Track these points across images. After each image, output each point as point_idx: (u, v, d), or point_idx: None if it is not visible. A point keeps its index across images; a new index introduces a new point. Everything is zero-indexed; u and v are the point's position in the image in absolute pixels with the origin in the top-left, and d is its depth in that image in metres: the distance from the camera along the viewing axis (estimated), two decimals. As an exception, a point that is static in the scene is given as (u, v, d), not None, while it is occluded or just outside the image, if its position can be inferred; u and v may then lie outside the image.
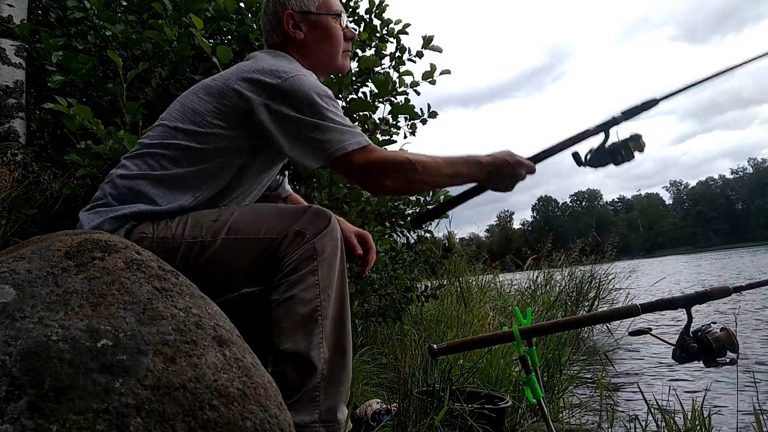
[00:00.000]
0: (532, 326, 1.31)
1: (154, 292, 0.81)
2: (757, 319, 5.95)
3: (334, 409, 1.21)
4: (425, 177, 1.26)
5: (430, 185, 1.33)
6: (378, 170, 1.25)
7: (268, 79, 1.25)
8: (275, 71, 1.26)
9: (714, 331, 1.18)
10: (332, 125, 1.23)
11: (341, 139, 1.23)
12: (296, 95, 1.23)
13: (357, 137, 1.24)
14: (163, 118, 1.32)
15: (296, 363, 1.16)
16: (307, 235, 1.20)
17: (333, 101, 1.28)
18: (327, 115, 1.24)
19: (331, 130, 1.23)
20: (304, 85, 1.25)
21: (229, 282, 1.26)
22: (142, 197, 1.23)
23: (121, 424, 0.63)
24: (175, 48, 2.10)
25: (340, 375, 1.23)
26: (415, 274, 2.96)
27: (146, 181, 1.24)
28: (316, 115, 1.23)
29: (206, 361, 0.74)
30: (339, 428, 1.21)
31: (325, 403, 1.19)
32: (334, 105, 1.28)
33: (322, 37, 1.45)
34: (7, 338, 0.66)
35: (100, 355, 0.68)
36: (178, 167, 1.26)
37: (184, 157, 1.26)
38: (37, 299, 0.73)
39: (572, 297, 6.29)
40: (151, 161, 1.26)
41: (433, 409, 1.67)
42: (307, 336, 1.17)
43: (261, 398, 0.76)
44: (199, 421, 0.68)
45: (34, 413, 0.61)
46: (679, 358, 1.21)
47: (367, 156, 1.24)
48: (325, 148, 1.22)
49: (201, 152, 1.27)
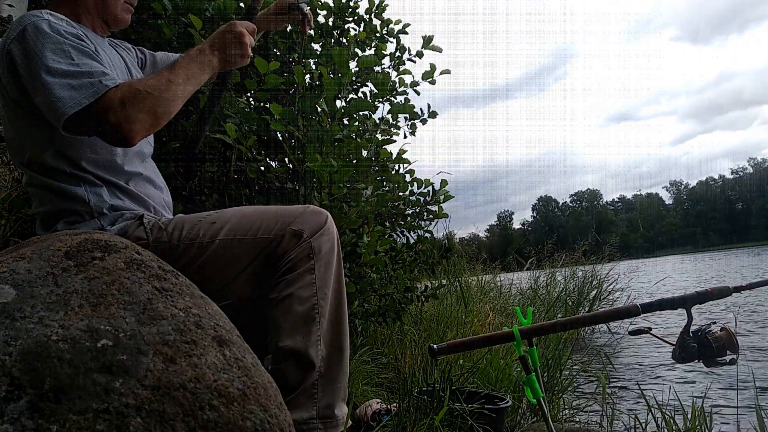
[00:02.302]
0: (532, 326, 1.31)
1: (154, 292, 0.81)
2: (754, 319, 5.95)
3: (332, 405, 1.22)
4: (158, 92, 1.10)
5: (173, 101, 1.14)
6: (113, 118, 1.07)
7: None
8: None
9: (714, 331, 1.18)
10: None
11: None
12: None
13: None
14: None
15: (295, 361, 1.17)
16: (304, 235, 1.22)
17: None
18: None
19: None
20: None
21: (227, 282, 1.26)
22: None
23: (121, 424, 0.63)
24: (174, 48, 2.10)
25: (338, 372, 1.24)
26: (415, 274, 2.96)
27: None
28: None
29: (206, 361, 0.74)
30: (337, 425, 1.22)
31: (323, 400, 1.20)
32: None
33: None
34: (7, 338, 0.66)
35: (100, 355, 0.68)
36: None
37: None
38: (37, 299, 0.73)
39: (573, 297, 6.29)
40: None
41: (433, 409, 1.67)
42: (305, 334, 1.19)
43: (261, 398, 0.76)
44: (199, 421, 0.67)
45: (34, 413, 0.61)
46: (679, 358, 1.21)
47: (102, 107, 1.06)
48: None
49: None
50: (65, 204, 1.19)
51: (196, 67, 1.20)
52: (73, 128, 1.08)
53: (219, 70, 1.28)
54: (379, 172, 2.46)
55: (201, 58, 1.22)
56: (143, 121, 1.08)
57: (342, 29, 2.65)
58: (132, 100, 1.07)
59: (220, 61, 1.25)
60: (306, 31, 1.54)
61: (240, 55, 1.27)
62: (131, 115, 1.06)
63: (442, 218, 2.80)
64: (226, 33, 1.26)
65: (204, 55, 1.22)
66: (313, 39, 2.54)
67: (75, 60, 1.09)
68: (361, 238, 2.23)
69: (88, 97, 1.05)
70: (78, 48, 1.12)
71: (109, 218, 1.21)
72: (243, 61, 1.28)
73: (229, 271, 1.23)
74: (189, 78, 1.18)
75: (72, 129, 1.08)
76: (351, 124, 2.37)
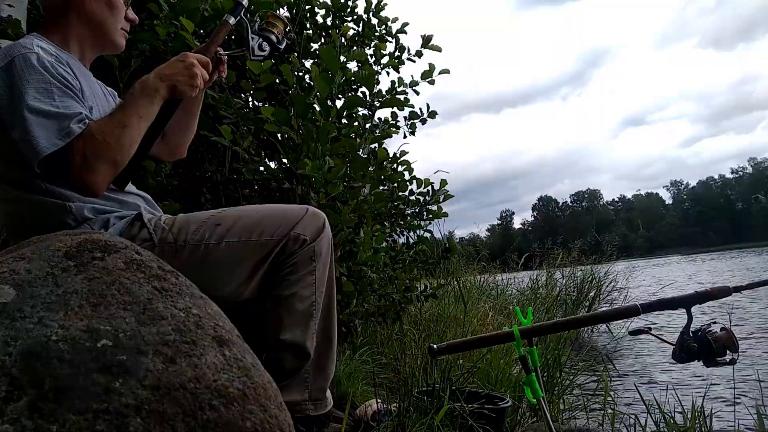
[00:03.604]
0: (532, 326, 1.31)
1: (154, 292, 0.81)
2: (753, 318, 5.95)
3: (323, 389, 1.39)
4: (114, 140, 1.10)
5: (130, 146, 1.14)
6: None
7: None
8: None
9: (714, 331, 1.18)
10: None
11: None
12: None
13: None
14: None
15: (293, 352, 1.31)
16: (307, 240, 1.31)
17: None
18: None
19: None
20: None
21: (229, 283, 1.29)
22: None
23: (121, 425, 0.63)
24: (170, 47, 2.10)
25: (327, 360, 1.41)
26: (414, 274, 2.96)
27: None
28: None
29: (206, 361, 0.74)
30: (325, 406, 1.40)
31: (315, 384, 1.37)
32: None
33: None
34: (7, 338, 0.66)
35: (100, 355, 0.68)
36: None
37: None
38: (36, 299, 0.73)
39: (573, 297, 6.29)
40: None
41: (433, 409, 1.67)
42: (304, 329, 1.31)
43: (261, 398, 0.76)
44: (199, 422, 0.67)
45: (34, 413, 0.60)
46: (679, 357, 1.20)
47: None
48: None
49: None
50: (47, 218, 1.18)
51: (145, 101, 1.17)
52: (49, 168, 1.09)
53: (168, 98, 1.22)
54: (376, 171, 2.47)
55: (147, 91, 1.18)
56: (105, 172, 1.10)
57: (327, 26, 2.63)
58: (92, 153, 1.08)
59: (168, 89, 1.20)
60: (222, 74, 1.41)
61: (189, 85, 1.21)
62: (92, 167, 1.08)
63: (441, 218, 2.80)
64: (177, 61, 1.22)
65: (148, 88, 1.18)
66: (311, 39, 2.54)
67: (56, 101, 1.10)
68: (358, 236, 2.23)
69: (63, 138, 1.07)
70: (62, 87, 1.13)
71: (98, 222, 1.21)
72: (192, 90, 1.22)
73: (232, 272, 1.28)
74: (141, 117, 1.16)
75: (47, 169, 1.09)
76: (350, 123, 2.37)
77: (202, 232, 1.25)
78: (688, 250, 71.76)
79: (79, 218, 1.19)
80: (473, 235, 10.72)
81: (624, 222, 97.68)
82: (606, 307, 6.18)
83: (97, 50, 1.36)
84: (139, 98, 1.17)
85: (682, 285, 10.39)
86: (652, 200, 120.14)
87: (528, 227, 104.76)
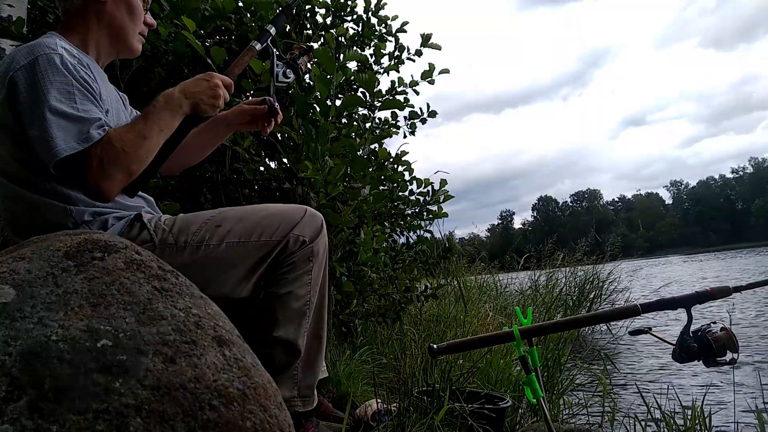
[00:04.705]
0: (532, 326, 1.31)
1: (154, 292, 0.81)
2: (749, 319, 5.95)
3: (312, 386, 1.42)
4: (133, 150, 1.11)
5: (147, 157, 1.15)
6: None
7: None
8: None
9: (714, 331, 1.18)
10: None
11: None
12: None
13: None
14: None
15: (285, 349, 1.33)
16: (306, 241, 1.33)
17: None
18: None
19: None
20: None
21: (229, 282, 1.30)
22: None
23: (121, 425, 0.63)
24: (170, 47, 2.10)
25: (316, 358, 1.44)
26: (414, 274, 2.96)
27: None
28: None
29: (206, 361, 0.74)
30: (313, 403, 1.43)
31: (304, 381, 1.40)
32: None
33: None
34: (7, 338, 0.66)
35: (100, 355, 0.68)
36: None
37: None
38: (36, 299, 0.73)
39: (573, 297, 6.29)
40: None
41: (433, 409, 1.67)
42: (297, 327, 1.34)
43: (261, 398, 0.76)
44: (199, 422, 0.67)
45: (34, 413, 0.60)
46: (679, 357, 1.21)
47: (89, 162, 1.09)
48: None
49: None
50: (45, 219, 1.17)
51: (167, 115, 1.18)
52: (63, 170, 1.09)
53: (189, 114, 1.23)
54: (376, 171, 2.47)
55: (171, 105, 1.19)
56: (119, 180, 1.11)
57: (327, 26, 2.63)
58: (110, 159, 1.09)
59: (191, 106, 1.21)
60: (275, 124, 1.47)
61: (211, 105, 1.23)
62: (108, 174, 1.09)
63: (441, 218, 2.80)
64: (202, 80, 1.24)
65: (173, 102, 1.19)
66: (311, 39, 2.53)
67: (77, 104, 1.11)
68: (358, 236, 2.23)
69: (82, 143, 1.08)
70: (83, 91, 1.14)
71: (96, 223, 1.21)
72: (213, 110, 1.25)
73: (231, 272, 1.29)
74: (162, 130, 1.17)
75: (62, 170, 1.09)
76: (350, 123, 2.37)
77: (202, 233, 1.27)
78: (688, 250, 71.74)
79: (78, 221, 1.19)
80: (473, 235, 10.71)
81: (624, 222, 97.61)
82: (607, 307, 6.18)
83: (113, 54, 1.37)
84: (162, 111, 1.18)
85: (687, 283, 10.36)
86: (652, 200, 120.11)
87: (528, 227, 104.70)
